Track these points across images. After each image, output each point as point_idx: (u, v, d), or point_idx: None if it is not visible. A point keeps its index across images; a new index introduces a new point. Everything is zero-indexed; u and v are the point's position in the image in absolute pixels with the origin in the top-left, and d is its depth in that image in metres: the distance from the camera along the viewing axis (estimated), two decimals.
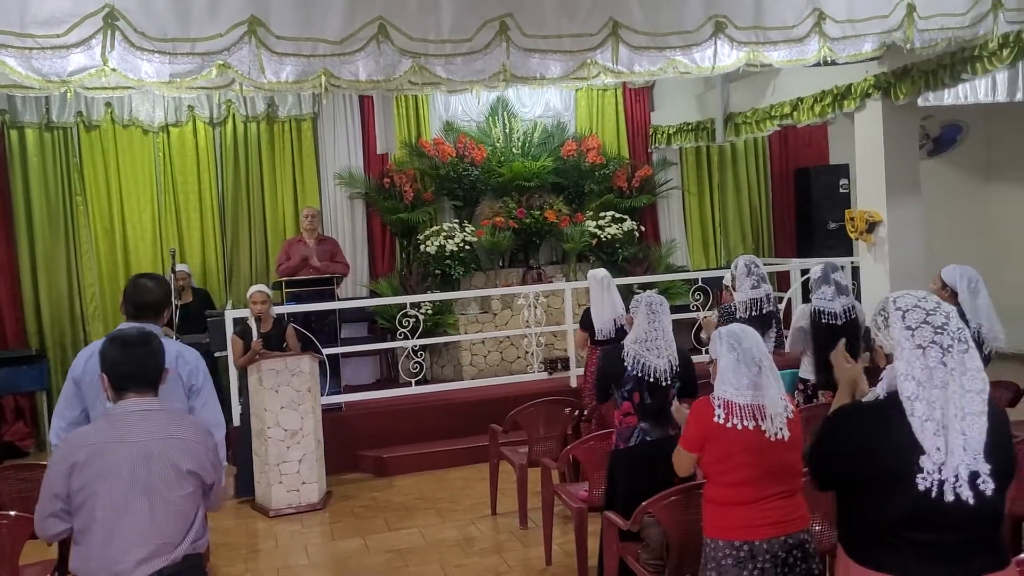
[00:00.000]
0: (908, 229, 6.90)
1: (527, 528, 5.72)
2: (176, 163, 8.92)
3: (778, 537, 3.00)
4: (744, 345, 3.06)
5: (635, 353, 4.16)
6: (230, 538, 5.93)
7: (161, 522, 2.70)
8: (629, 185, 9.96)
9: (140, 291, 3.75)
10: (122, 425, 2.75)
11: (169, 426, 2.82)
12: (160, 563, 2.68)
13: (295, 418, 6.41)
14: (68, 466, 2.68)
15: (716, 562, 3.04)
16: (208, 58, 4.35)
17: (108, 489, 2.66)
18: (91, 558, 2.67)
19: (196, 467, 2.80)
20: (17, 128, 8.42)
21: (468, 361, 8.85)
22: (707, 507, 3.15)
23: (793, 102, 7.90)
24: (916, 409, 2.15)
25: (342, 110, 9.33)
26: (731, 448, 3.01)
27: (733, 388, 3.03)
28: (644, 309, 4.22)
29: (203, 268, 8.99)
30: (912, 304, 2.24)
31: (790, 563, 3.00)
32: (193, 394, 3.75)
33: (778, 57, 5.47)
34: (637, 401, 4.18)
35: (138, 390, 2.82)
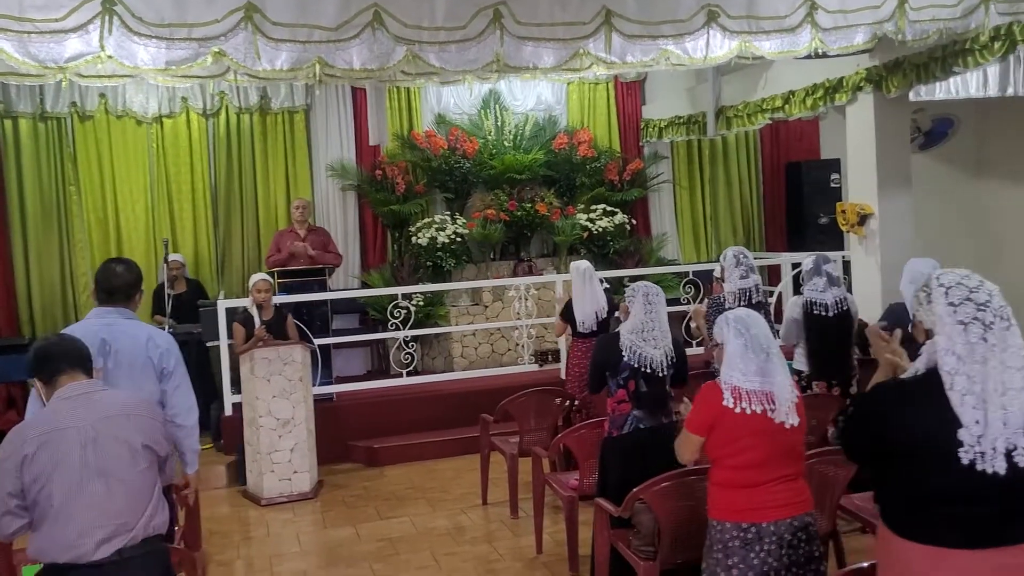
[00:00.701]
0: (899, 222, 6.95)
1: (518, 518, 5.75)
2: (169, 154, 8.91)
3: (784, 519, 3.04)
4: (752, 331, 3.07)
5: (631, 343, 4.18)
6: (223, 526, 5.95)
7: (118, 501, 2.70)
8: (620, 178, 9.99)
9: (109, 276, 3.76)
10: (64, 412, 2.74)
11: (115, 404, 2.82)
12: (119, 542, 2.68)
13: (287, 407, 6.43)
14: (18, 461, 2.66)
15: (723, 544, 3.07)
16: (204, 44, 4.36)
17: (61, 476, 2.66)
18: (50, 543, 2.67)
19: (149, 441, 2.82)
20: (11, 118, 8.39)
21: (459, 353, 8.87)
22: (713, 490, 3.18)
23: (785, 95, 7.94)
24: (956, 383, 2.21)
25: (335, 102, 9.33)
26: (738, 431, 3.03)
27: (740, 374, 3.04)
28: (641, 299, 4.24)
29: (195, 258, 8.98)
30: (955, 281, 2.30)
31: (795, 545, 3.04)
32: (165, 378, 3.76)
33: (770, 48, 5.50)
34: (632, 389, 4.21)
35: (69, 373, 2.82)
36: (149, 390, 3.71)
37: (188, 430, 3.85)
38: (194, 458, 3.93)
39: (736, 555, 3.04)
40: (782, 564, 3.02)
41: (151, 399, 3.08)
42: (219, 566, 5.21)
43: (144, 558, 2.73)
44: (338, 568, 5.11)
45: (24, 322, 8.44)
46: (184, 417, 3.83)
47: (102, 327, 3.69)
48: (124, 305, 3.78)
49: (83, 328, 3.74)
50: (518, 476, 5.76)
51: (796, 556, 3.03)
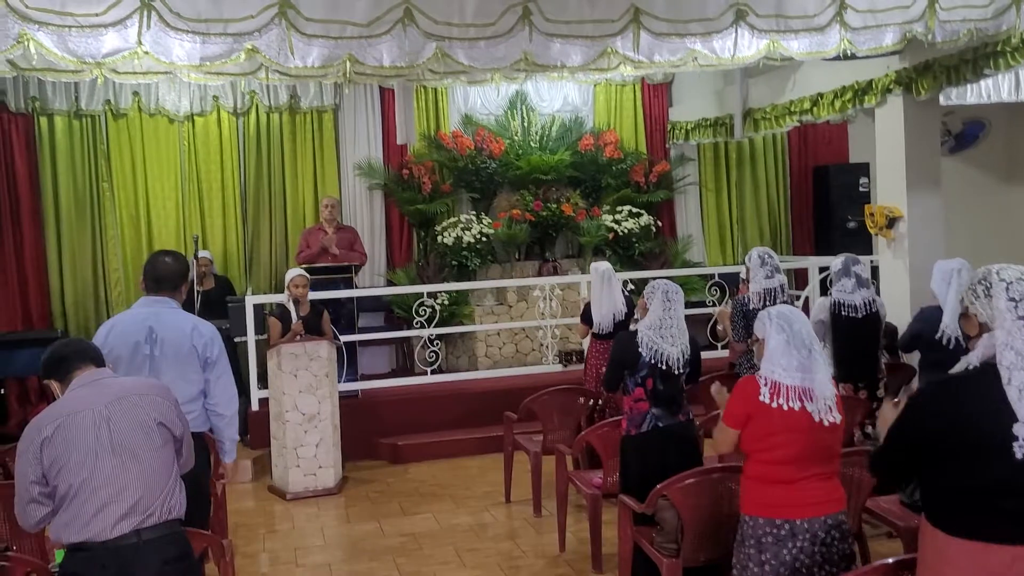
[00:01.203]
0: (928, 225, 6.89)
1: (541, 516, 5.77)
2: (200, 152, 9.03)
3: (818, 517, 3.03)
4: (795, 328, 3.07)
5: (649, 340, 4.19)
6: (248, 519, 6.02)
7: (134, 478, 2.75)
8: (646, 180, 9.98)
9: (158, 266, 3.88)
10: (79, 397, 2.82)
11: (125, 387, 2.89)
12: (136, 521, 2.72)
13: (313, 402, 6.49)
14: (38, 445, 2.73)
15: (756, 539, 3.07)
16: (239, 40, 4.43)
17: (77, 456, 2.71)
18: (68, 524, 2.72)
19: (163, 419, 2.87)
20: (47, 115, 8.55)
21: (483, 352, 8.91)
22: (747, 484, 3.18)
23: (813, 97, 7.89)
24: (1014, 378, 2.22)
25: (363, 102, 9.41)
26: (774, 426, 3.03)
27: (782, 369, 3.04)
28: (660, 296, 4.25)
29: (224, 255, 9.09)
30: (1016, 276, 2.31)
31: (828, 543, 3.04)
32: (208, 366, 3.84)
33: (798, 48, 5.48)
34: (650, 387, 4.22)
35: (79, 365, 2.89)
36: (194, 379, 3.80)
37: (229, 419, 3.93)
38: (232, 447, 4.00)
39: (769, 551, 3.04)
40: (815, 561, 3.02)
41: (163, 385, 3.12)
42: (245, 558, 5.27)
43: (160, 541, 2.76)
44: (361, 562, 5.15)
45: (57, 316, 8.59)
46: (225, 406, 3.91)
47: (149, 315, 3.80)
48: (171, 295, 3.87)
49: (131, 316, 3.84)
50: (541, 474, 5.78)
51: (829, 554, 3.03)
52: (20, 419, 8.15)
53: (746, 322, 5.45)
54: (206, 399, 3.90)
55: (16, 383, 8.23)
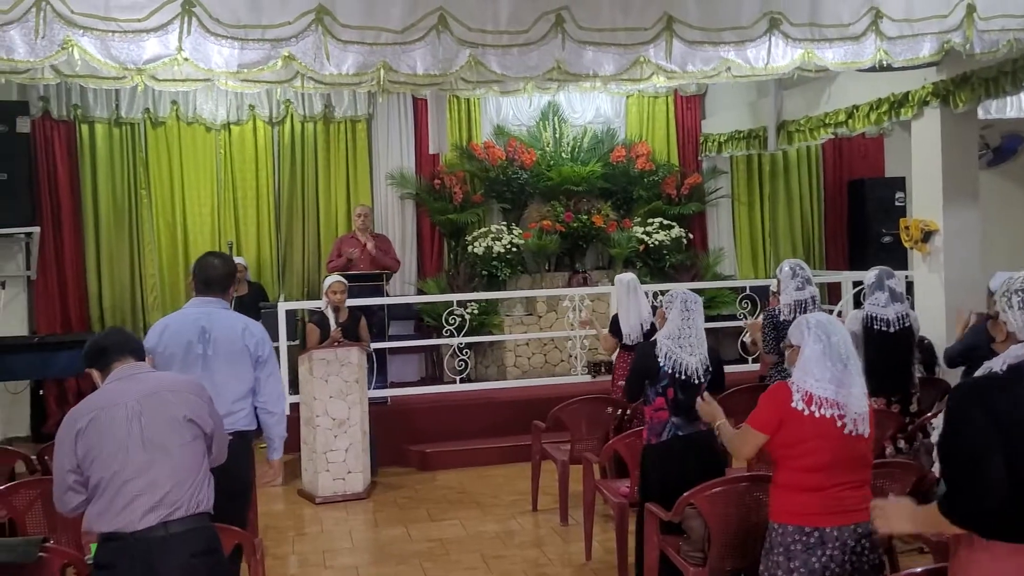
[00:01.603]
0: (964, 239, 6.79)
1: (567, 525, 5.76)
2: (236, 160, 9.16)
3: (848, 525, 3.01)
4: (832, 339, 3.03)
5: (668, 349, 4.17)
6: (278, 521, 6.08)
7: (163, 472, 2.80)
8: (678, 192, 9.96)
9: (207, 268, 3.97)
10: (114, 391, 2.89)
11: (159, 382, 2.96)
12: (164, 514, 2.77)
13: (343, 408, 6.54)
14: (73, 436, 2.81)
15: (784, 547, 3.05)
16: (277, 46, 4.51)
17: (109, 448, 2.79)
18: (102, 514, 2.79)
19: (192, 415, 2.92)
20: (88, 123, 8.74)
21: (512, 362, 8.92)
22: (776, 492, 3.15)
23: (848, 110, 7.83)
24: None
25: (396, 112, 9.51)
26: (806, 433, 3.01)
27: (815, 380, 3.00)
28: (679, 305, 4.22)
29: (258, 262, 9.21)
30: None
31: (858, 552, 3.01)
32: (259, 365, 3.92)
33: (832, 58, 5.45)
34: (671, 397, 4.19)
35: (119, 358, 2.96)
36: (245, 377, 3.86)
37: (278, 417, 4.00)
38: (280, 445, 4.06)
39: (798, 559, 3.02)
40: (845, 571, 2.99)
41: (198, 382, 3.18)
42: (274, 559, 5.32)
43: (187, 534, 2.81)
44: (389, 565, 5.18)
45: (95, 320, 8.74)
46: (274, 404, 3.98)
47: (201, 315, 3.88)
48: (220, 295, 3.95)
49: (182, 316, 3.92)
50: (569, 484, 5.77)
51: (860, 563, 3.00)
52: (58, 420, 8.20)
53: (777, 334, 5.42)
54: (255, 397, 3.96)
55: (55, 385, 8.38)
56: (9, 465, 4.90)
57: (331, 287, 6.71)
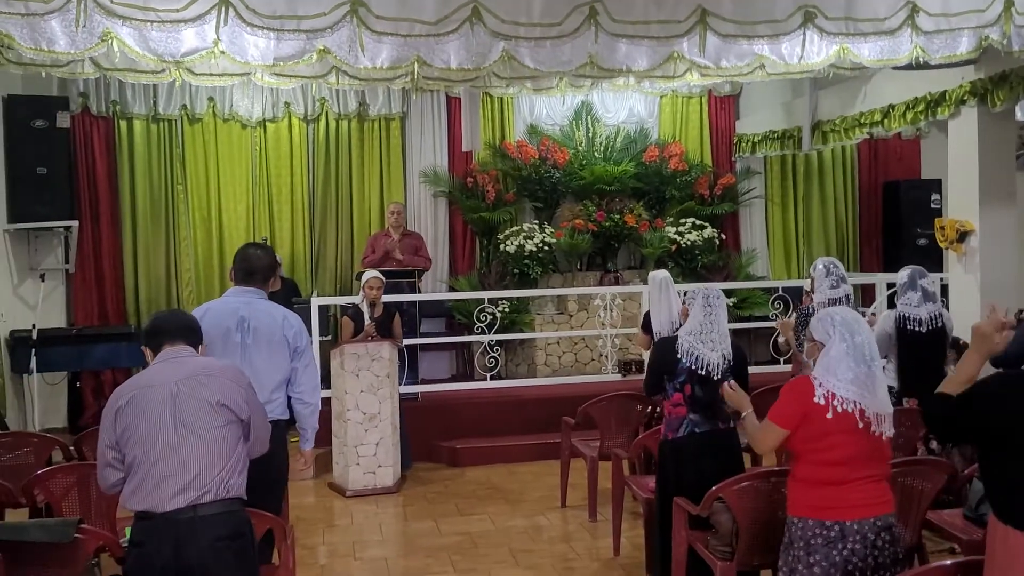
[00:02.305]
0: (1001, 240, 6.69)
1: (596, 521, 5.75)
2: (271, 157, 9.28)
3: (868, 519, 2.98)
4: (857, 340, 3.00)
5: (688, 345, 4.13)
6: (309, 513, 6.14)
7: (192, 453, 2.85)
8: (711, 193, 9.92)
9: (249, 258, 4.01)
10: (155, 372, 2.97)
11: (198, 367, 3.00)
12: (193, 496, 2.81)
13: (374, 402, 6.59)
14: (113, 413, 2.90)
15: (805, 541, 3.03)
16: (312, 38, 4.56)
17: (144, 428, 2.85)
18: (135, 492, 2.86)
19: (225, 400, 2.95)
20: (126, 119, 8.89)
21: (543, 360, 8.93)
22: (795, 486, 3.14)
23: (884, 109, 7.74)
24: None
25: (430, 110, 9.57)
26: (827, 428, 2.99)
27: (836, 379, 2.98)
28: (701, 301, 4.19)
29: (291, 258, 9.30)
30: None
31: (879, 545, 2.98)
32: (297, 355, 3.96)
33: (868, 55, 5.39)
34: (688, 393, 4.17)
35: (170, 341, 3.03)
36: (282, 366, 3.91)
37: (312, 408, 4.04)
38: (312, 436, 4.11)
39: (819, 552, 3.00)
40: (867, 565, 2.96)
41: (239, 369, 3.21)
42: (304, 549, 5.37)
43: (215, 517, 2.84)
44: (418, 557, 5.21)
45: (131, 313, 8.89)
46: (310, 395, 4.02)
47: (241, 305, 3.92)
48: (260, 286, 4.00)
49: (223, 304, 3.97)
50: (598, 480, 5.77)
51: (882, 557, 2.97)
52: (95, 411, 8.44)
53: None
54: (291, 387, 4.00)
55: (92, 376, 8.54)
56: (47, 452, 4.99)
57: (368, 282, 6.77)
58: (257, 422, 3.13)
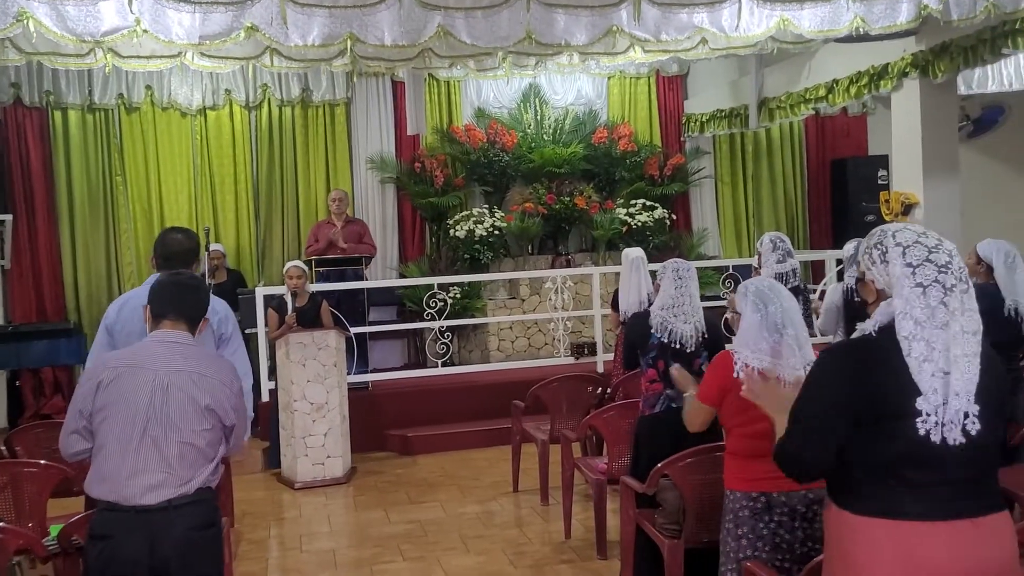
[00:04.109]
0: (945, 211, 6.76)
1: (548, 505, 5.70)
2: (212, 145, 9.05)
3: (797, 491, 2.94)
4: (769, 308, 2.93)
5: (661, 319, 4.09)
6: (256, 508, 5.99)
7: (172, 453, 2.71)
8: (661, 173, 9.90)
9: (168, 243, 3.86)
10: (148, 353, 2.80)
11: (194, 360, 2.83)
12: (168, 493, 2.69)
13: (321, 392, 6.46)
14: (95, 384, 2.75)
15: (734, 513, 3.00)
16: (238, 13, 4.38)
17: (125, 413, 2.70)
18: (101, 479, 2.71)
19: (214, 405, 2.81)
20: (61, 109, 8.60)
21: (495, 346, 8.85)
22: (728, 459, 3.12)
23: (828, 84, 7.78)
24: (914, 349, 2.05)
25: (375, 95, 9.41)
26: (748, 402, 2.95)
27: (750, 351, 2.92)
28: (671, 275, 4.15)
29: (236, 249, 9.10)
30: (913, 240, 2.12)
31: (809, 517, 2.94)
32: (223, 343, 3.82)
33: (809, 25, 5.37)
34: (661, 368, 4.13)
35: (173, 319, 2.87)
36: None
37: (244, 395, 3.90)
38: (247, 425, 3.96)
39: (745, 524, 2.96)
40: (795, 537, 2.92)
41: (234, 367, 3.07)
42: (251, 544, 5.25)
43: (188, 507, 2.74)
44: (366, 548, 5.11)
45: (71, 309, 8.63)
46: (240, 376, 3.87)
47: None
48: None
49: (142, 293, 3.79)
50: (549, 463, 5.71)
51: (812, 530, 2.92)
52: (35, 411, 8.20)
53: None
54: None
55: (31, 375, 8.28)
56: None
57: (288, 272, 6.66)
58: (239, 430, 3.00)
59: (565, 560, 4.79)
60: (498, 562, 4.80)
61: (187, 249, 3.90)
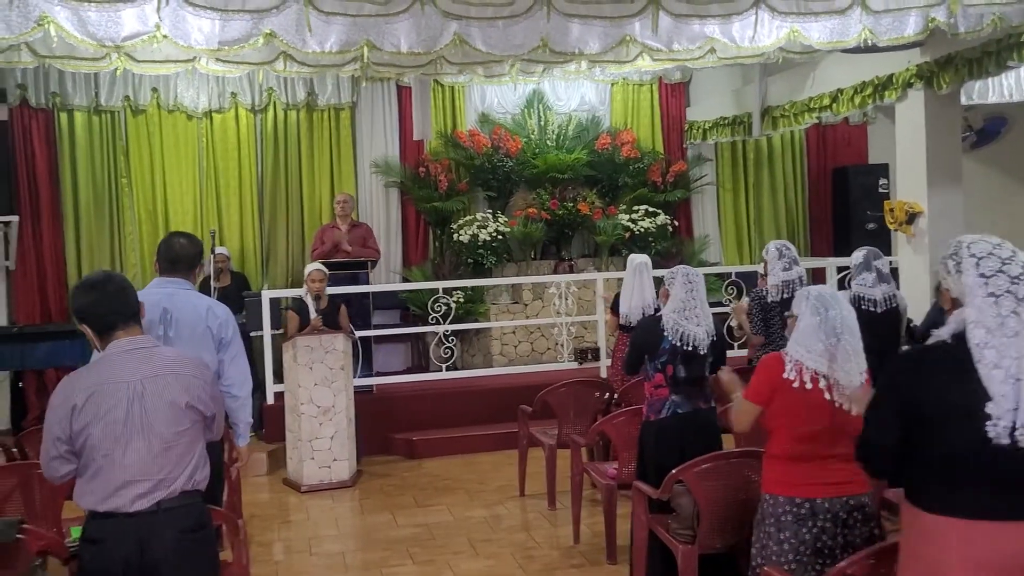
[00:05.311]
0: (949, 221, 6.80)
1: (555, 509, 5.73)
2: (218, 148, 9.06)
3: (840, 497, 2.99)
4: (830, 313, 3.00)
5: (673, 322, 4.14)
6: (263, 510, 6.02)
7: (159, 458, 2.72)
8: (663, 180, 9.95)
9: (172, 247, 3.89)
10: (116, 365, 2.74)
11: (163, 362, 2.81)
12: (158, 496, 2.71)
13: (328, 395, 6.49)
14: (68, 409, 2.69)
15: (775, 518, 3.03)
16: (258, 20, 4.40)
17: (106, 429, 2.68)
18: (91, 492, 2.72)
19: (194, 401, 2.81)
20: (67, 111, 8.60)
21: (498, 351, 8.89)
22: (768, 463, 3.14)
23: (833, 94, 7.82)
24: (985, 356, 2.16)
25: (380, 100, 9.43)
26: (797, 403, 2.99)
27: (806, 351, 2.99)
28: (681, 279, 4.20)
29: (241, 252, 9.11)
30: (987, 251, 2.23)
31: (850, 524, 2.99)
32: (223, 347, 3.84)
33: (818, 37, 5.41)
34: (670, 373, 4.17)
35: (124, 326, 2.78)
36: (208, 359, 3.77)
37: (243, 400, 3.92)
38: (246, 430, 4.00)
39: (788, 529, 3.00)
40: (837, 543, 2.97)
41: (202, 359, 3.08)
42: (259, 547, 5.26)
43: (178, 511, 2.75)
44: (375, 551, 5.13)
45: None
46: (239, 387, 3.90)
47: (164, 296, 3.79)
48: (185, 276, 3.88)
49: (144, 296, 3.81)
50: (556, 468, 5.74)
51: (852, 536, 2.97)
52: (39, 412, 8.19)
53: (765, 315, 5.41)
54: (220, 380, 3.88)
55: (34, 376, 8.27)
56: None
57: (310, 275, 6.67)
58: (219, 416, 3.02)
59: (575, 565, 4.83)
60: (508, 566, 4.83)
61: (191, 254, 3.93)
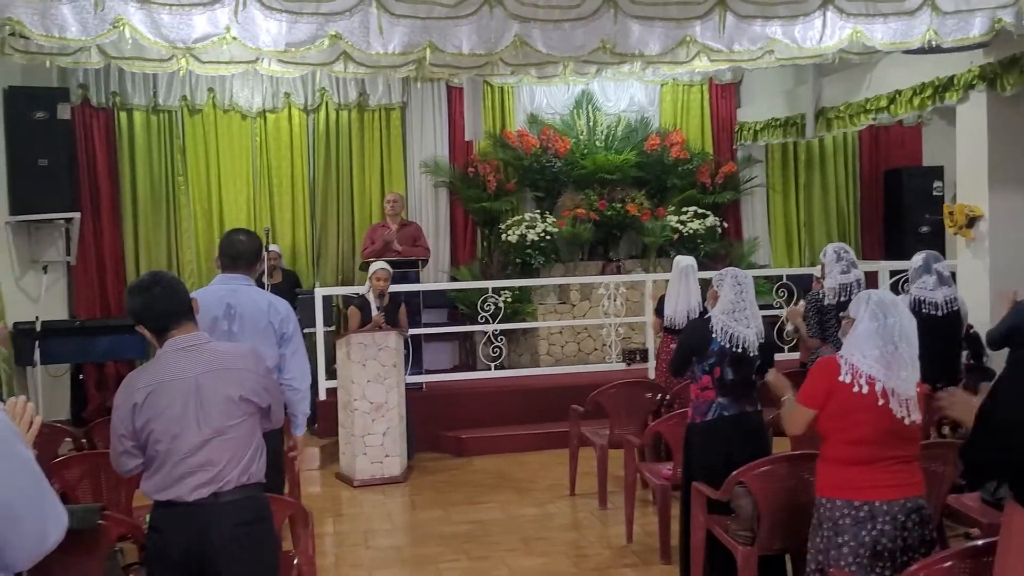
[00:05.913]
0: (1011, 225, 6.67)
1: (607, 509, 5.75)
2: (271, 148, 9.20)
3: (897, 500, 2.98)
4: (888, 320, 2.98)
5: (723, 324, 4.12)
6: (316, 503, 6.07)
7: (215, 451, 2.81)
8: (712, 181, 9.90)
9: (234, 244, 3.99)
10: (172, 363, 2.84)
11: (217, 358, 2.90)
12: (215, 487, 2.81)
13: (380, 392, 6.57)
14: (129, 407, 2.81)
15: (833, 522, 3.02)
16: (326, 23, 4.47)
17: (165, 424, 2.79)
18: (153, 483, 2.84)
19: (248, 393, 2.90)
20: (127, 110, 8.80)
21: (545, 350, 8.91)
22: (823, 466, 3.13)
23: (890, 95, 7.71)
24: None
25: (430, 100, 9.52)
26: (852, 406, 2.98)
27: (861, 355, 2.98)
28: (730, 281, 4.18)
29: (292, 250, 9.25)
30: None
31: (908, 527, 2.97)
32: (284, 342, 3.94)
33: (881, 38, 5.34)
34: (717, 375, 4.15)
35: (176, 325, 2.87)
36: (269, 354, 3.86)
37: (302, 394, 4.01)
38: (303, 421, 4.07)
39: (847, 532, 2.99)
40: (897, 546, 2.95)
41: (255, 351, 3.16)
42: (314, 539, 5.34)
43: (236, 503, 2.83)
44: (430, 546, 5.19)
45: None
46: (300, 380, 3.99)
47: (227, 292, 3.89)
48: (245, 272, 3.97)
49: (208, 293, 3.93)
50: (607, 467, 5.75)
51: (911, 539, 2.96)
52: (98, 404, 8.40)
53: (821, 318, 5.38)
54: (280, 374, 3.97)
55: (94, 369, 8.48)
56: (56, 443, 4.97)
57: (375, 273, 6.74)
58: (275, 405, 3.10)
59: (628, 564, 4.84)
60: (561, 564, 4.86)
61: (251, 250, 4.03)
